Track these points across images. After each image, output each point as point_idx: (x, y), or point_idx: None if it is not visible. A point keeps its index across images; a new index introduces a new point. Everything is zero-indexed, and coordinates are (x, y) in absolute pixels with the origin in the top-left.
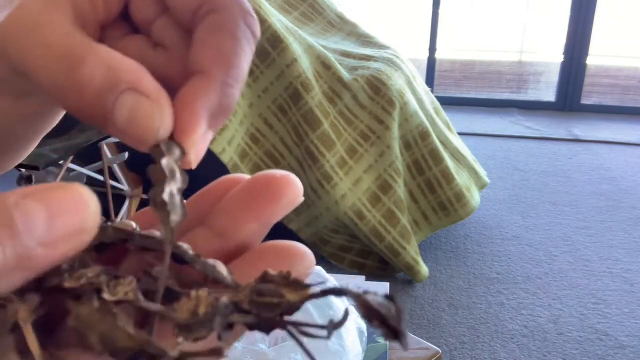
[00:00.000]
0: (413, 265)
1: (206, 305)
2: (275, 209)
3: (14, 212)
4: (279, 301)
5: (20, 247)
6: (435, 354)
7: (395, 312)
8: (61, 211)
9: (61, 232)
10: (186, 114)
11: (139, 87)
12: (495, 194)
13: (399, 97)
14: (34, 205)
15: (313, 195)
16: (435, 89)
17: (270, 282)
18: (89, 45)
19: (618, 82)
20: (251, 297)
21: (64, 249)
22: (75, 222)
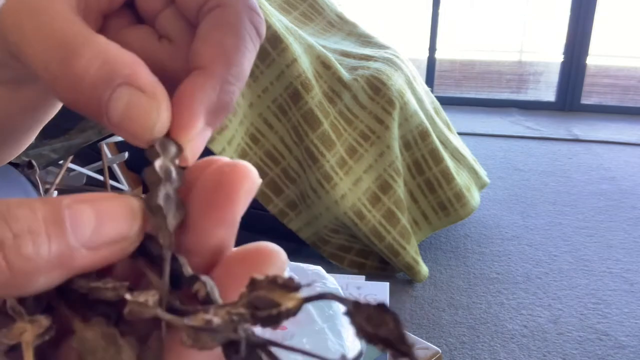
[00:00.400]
0: (413, 265)
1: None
2: (236, 205)
3: (66, 212)
4: (278, 311)
5: (65, 246)
6: (435, 354)
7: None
8: (109, 218)
9: (106, 238)
10: (183, 110)
11: (135, 81)
12: (495, 194)
13: (399, 97)
14: (85, 209)
15: (313, 195)
16: (435, 89)
17: (259, 289)
18: (86, 36)
19: (618, 82)
20: (251, 312)
21: (106, 254)
22: (120, 230)
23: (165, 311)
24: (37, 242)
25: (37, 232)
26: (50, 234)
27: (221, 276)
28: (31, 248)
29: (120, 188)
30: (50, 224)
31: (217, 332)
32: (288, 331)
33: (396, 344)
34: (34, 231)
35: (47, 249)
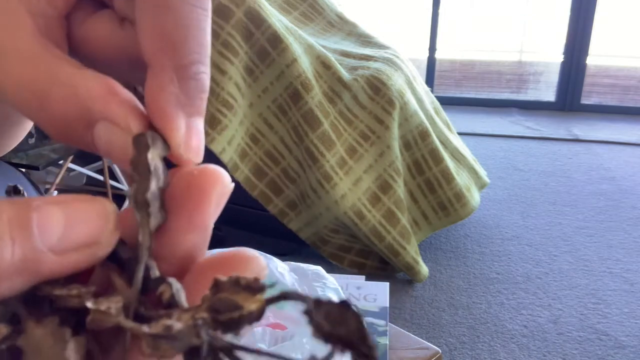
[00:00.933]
0: (413, 265)
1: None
2: (206, 210)
3: (33, 214)
4: (240, 314)
5: (30, 249)
6: (435, 354)
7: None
8: (79, 221)
9: (75, 242)
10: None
11: (109, 117)
12: (495, 194)
13: (399, 97)
14: (54, 210)
15: (313, 195)
16: (435, 89)
17: (222, 291)
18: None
19: (618, 82)
20: (212, 316)
21: (75, 260)
22: (90, 234)
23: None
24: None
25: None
26: (14, 237)
27: (191, 281)
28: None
29: (120, 188)
30: (16, 226)
31: (177, 339)
32: (288, 331)
33: (356, 344)
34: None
35: (10, 253)
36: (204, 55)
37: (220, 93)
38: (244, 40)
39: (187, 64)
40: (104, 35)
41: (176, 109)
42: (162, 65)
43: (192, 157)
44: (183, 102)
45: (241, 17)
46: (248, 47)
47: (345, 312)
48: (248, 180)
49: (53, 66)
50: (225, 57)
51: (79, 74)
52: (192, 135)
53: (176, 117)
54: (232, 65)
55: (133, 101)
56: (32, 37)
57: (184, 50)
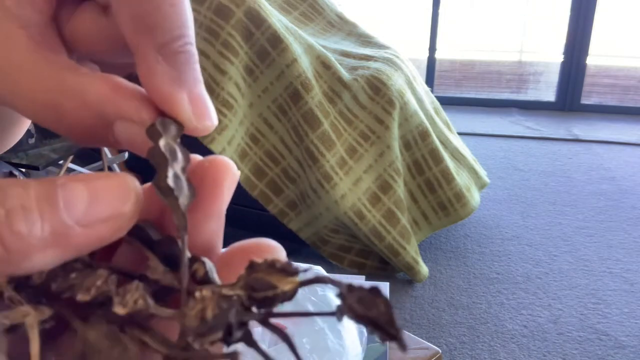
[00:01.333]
0: (413, 265)
1: (213, 307)
2: (221, 199)
3: (59, 190)
4: (274, 293)
5: (59, 224)
6: (435, 354)
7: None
8: (103, 195)
9: (100, 215)
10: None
11: (122, 115)
12: (495, 194)
13: (399, 97)
14: (78, 186)
15: (313, 195)
16: (435, 89)
17: (258, 272)
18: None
19: (618, 82)
20: (248, 294)
21: (102, 232)
22: (115, 206)
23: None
24: (30, 219)
25: (29, 209)
26: (43, 211)
27: (220, 267)
28: (24, 225)
29: None
30: (43, 201)
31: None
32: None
33: (385, 326)
34: (26, 208)
35: (40, 227)
36: (184, 28)
37: (220, 93)
38: (244, 40)
39: (168, 41)
40: (89, 27)
41: (172, 86)
42: (144, 48)
43: (208, 125)
44: (176, 77)
45: (241, 17)
46: (248, 47)
47: (376, 297)
48: (248, 180)
49: (58, 77)
50: (225, 57)
51: (84, 80)
52: (198, 104)
53: (175, 94)
54: (232, 65)
55: (139, 92)
56: (30, 51)
57: (161, 30)
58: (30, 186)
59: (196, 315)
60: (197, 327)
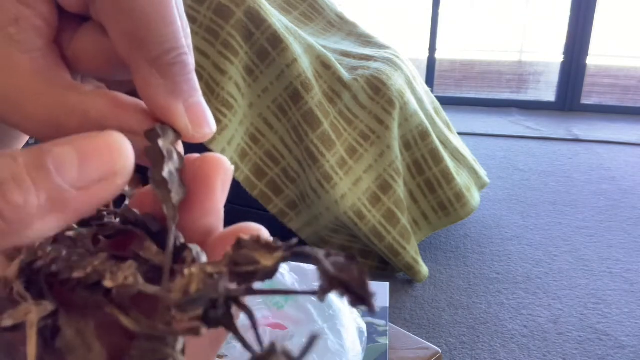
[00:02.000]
0: (413, 265)
1: (198, 282)
2: (215, 196)
3: (47, 155)
4: (255, 268)
5: (54, 189)
6: (435, 354)
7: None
8: (93, 155)
9: (93, 175)
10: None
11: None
12: (495, 194)
13: (399, 97)
14: (66, 149)
15: (313, 195)
16: (435, 89)
17: (243, 248)
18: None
19: (618, 82)
20: (230, 269)
21: (99, 193)
22: (107, 165)
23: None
24: (24, 189)
25: (21, 178)
26: (35, 179)
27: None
28: (18, 195)
29: None
30: (34, 169)
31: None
32: (288, 331)
33: (356, 289)
34: (18, 178)
35: (36, 195)
36: (174, 40)
37: (220, 93)
38: (244, 40)
39: (160, 54)
40: (91, 47)
41: (168, 98)
42: (138, 62)
43: (206, 132)
44: (171, 89)
45: (241, 17)
46: (248, 47)
47: (351, 262)
48: (248, 180)
49: (60, 98)
50: (225, 57)
51: (85, 99)
52: (196, 114)
53: (171, 105)
54: (232, 65)
55: (139, 105)
56: (32, 74)
57: (152, 44)
58: (18, 156)
59: (180, 290)
60: (179, 300)
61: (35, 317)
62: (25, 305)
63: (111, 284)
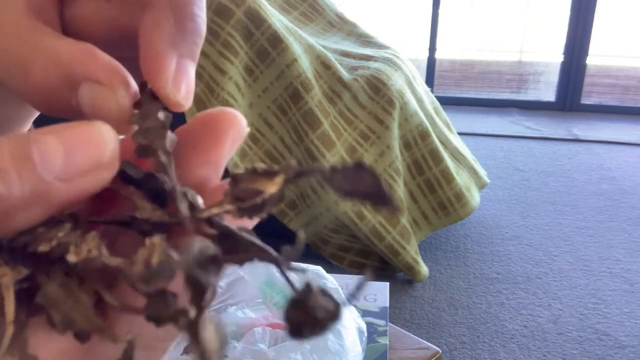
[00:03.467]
0: (413, 265)
1: (159, 254)
2: (221, 147)
3: (32, 146)
4: (263, 199)
5: (37, 180)
6: (435, 354)
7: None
8: (78, 146)
9: (78, 167)
10: (147, 56)
11: (92, 76)
12: (495, 194)
13: (399, 97)
14: (51, 140)
15: (313, 195)
16: (435, 89)
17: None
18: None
19: (618, 82)
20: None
21: (82, 185)
22: (92, 157)
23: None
24: (7, 180)
25: (5, 169)
26: (20, 170)
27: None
28: (1, 186)
29: None
30: (19, 159)
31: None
32: None
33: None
34: (2, 169)
35: (19, 186)
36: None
37: (220, 93)
38: (244, 40)
39: (184, 2)
40: (91, 12)
41: (168, 47)
42: (159, 1)
43: (181, 100)
44: (177, 41)
45: (241, 17)
46: (248, 47)
47: (361, 171)
48: None
49: (36, 37)
50: (225, 57)
51: (60, 42)
52: (182, 76)
53: (167, 55)
54: (232, 65)
55: (115, 62)
56: (21, 14)
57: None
58: (4, 145)
59: (141, 262)
60: (139, 273)
61: (10, 279)
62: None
63: (75, 258)
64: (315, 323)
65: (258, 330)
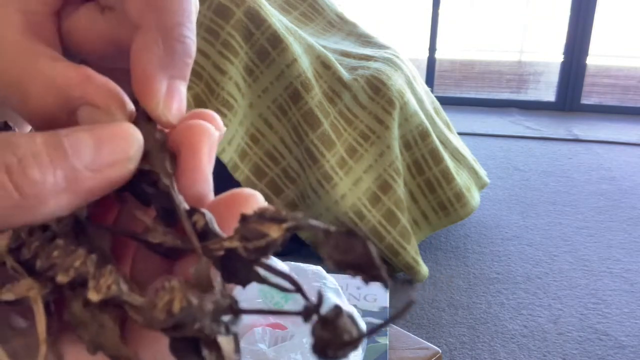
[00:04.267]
0: (413, 265)
1: (180, 300)
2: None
3: (64, 139)
4: (267, 242)
5: (70, 169)
6: (435, 354)
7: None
8: (108, 140)
9: (107, 159)
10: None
11: (89, 101)
12: (495, 194)
13: (399, 97)
14: (82, 134)
15: (313, 195)
16: (435, 89)
17: (250, 223)
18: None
19: (618, 82)
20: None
21: (110, 176)
22: (121, 150)
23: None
24: (43, 166)
25: (40, 156)
26: (53, 158)
27: None
28: (37, 171)
29: None
30: (52, 149)
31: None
32: (288, 331)
33: (366, 268)
34: (37, 155)
35: (52, 172)
36: (189, 20)
37: (220, 93)
38: (244, 40)
39: (172, 25)
40: (86, 26)
41: (158, 70)
42: (148, 25)
43: (172, 119)
44: (166, 64)
45: (241, 17)
46: (248, 47)
47: (352, 239)
48: (248, 180)
49: (33, 60)
50: (225, 57)
51: (57, 66)
52: (173, 97)
53: (156, 77)
54: (232, 65)
55: (111, 84)
56: (18, 33)
57: (168, 12)
58: (37, 136)
59: (163, 309)
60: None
61: (38, 293)
62: (25, 280)
63: (96, 297)
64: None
65: (258, 330)
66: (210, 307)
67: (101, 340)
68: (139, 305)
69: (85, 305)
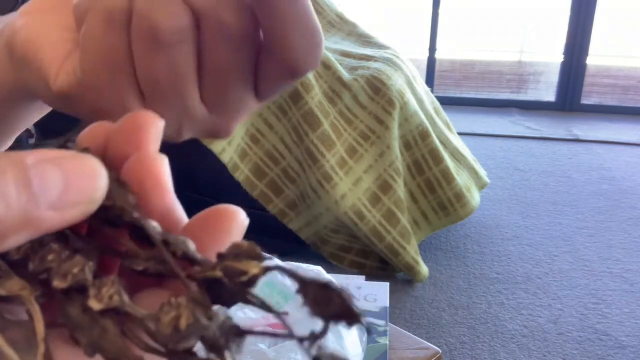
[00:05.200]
0: (413, 265)
1: (187, 317)
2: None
3: (32, 172)
4: (248, 278)
5: (34, 207)
6: (435, 354)
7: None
8: (77, 180)
9: (73, 199)
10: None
11: None
12: (495, 194)
13: (399, 97)
14: (51, 169)
15: (313, 195)
16: (435, 89)
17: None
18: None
19: (618, 82)
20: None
21: (71, 215)
22: (87, 190)
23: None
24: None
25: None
26: (20, 196)
27: None
28: (2, 209)
29: None
30: (20, 186)
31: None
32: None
33: (345, 317)
34: (3, 193)
35: (18, 210)
36: None
37: None
38: None
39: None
40: None
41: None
42: None
43: None
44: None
45: None
46: None
47: (329, 292)
48: (248, 180)
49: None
50: None
51: None
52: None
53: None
54: None
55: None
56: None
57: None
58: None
59: (169, 324)
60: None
61: (31, 293)
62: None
63: (98, 306)
64: None
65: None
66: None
67: (102, 343)
68: (141, 318)
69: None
